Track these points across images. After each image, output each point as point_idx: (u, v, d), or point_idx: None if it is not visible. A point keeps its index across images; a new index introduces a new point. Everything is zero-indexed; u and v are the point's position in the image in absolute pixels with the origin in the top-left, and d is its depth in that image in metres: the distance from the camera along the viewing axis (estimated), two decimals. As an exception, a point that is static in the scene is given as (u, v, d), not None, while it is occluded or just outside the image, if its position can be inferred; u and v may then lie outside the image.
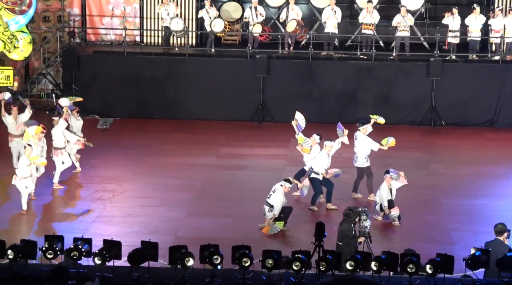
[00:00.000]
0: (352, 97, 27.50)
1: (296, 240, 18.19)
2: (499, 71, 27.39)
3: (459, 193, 21.53)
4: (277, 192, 18.91)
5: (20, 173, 19.77)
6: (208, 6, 28.66)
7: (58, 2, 30.04)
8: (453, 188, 21.92)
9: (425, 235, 18.81)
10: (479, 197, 21.29)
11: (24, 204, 19.74)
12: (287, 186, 19.02)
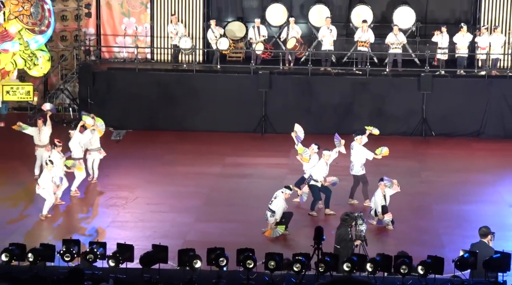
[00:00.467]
0: (348, 109, 27.49)
1: (296, 243, 18.17)
2: (485, 85, 27.38)
3: (449, 200, 21.51)
4: (278, 198, 18.91)
5: (42, 184, 19.79)
6: (214, 25, 28.71)
7: (75, 22, 30.08)
8: (443, 194, 21.90)
9: (417, 239, 18.79)
10: (467, 203, 21.28)
11: (46, 210, 19.73)
12: (288, 192, 19.02)
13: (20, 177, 22.38)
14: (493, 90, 27.28)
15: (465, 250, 15.05)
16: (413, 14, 29.15)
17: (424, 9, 30.09)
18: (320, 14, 29.15)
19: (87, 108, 26.45)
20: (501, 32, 28.32)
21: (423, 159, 25.09)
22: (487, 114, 27.23)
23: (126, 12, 30.30)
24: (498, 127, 27.33)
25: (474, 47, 28.13)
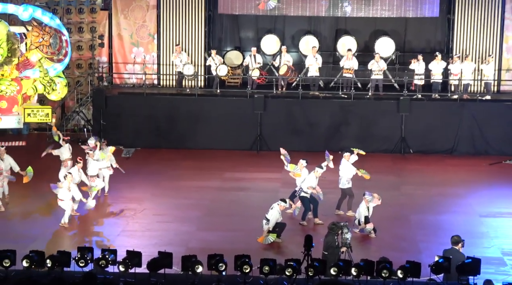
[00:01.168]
0: (335, 129, 27.51)
1: (288, 250, 18.11)
2: (457, 108, 27.42)
3: (425, 210, 21.48)
4: (274, 209, 18.92)
5: (61, 196, 19.78)
6: (214, 54, 28.77)
7: (89, 52, 30.16)
8: (420, 206, 21.87)
9: (397, 245, 18.75)
10: (442, 213, 21.25)
11: (66, 218, 19.70)
12: (283, 205, 19.03)
13: (41, 191, 22.31)
14: (465, 112, 27.32)
15: (440, 255, 15.05)
16: (392, 44, 29.28)
17: (402, 40, 30.20)
18: (309, 44, 29.24)
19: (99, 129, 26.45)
20: (471, 60, 28.42)
21: (402, 174, 25.09)
22: (459, 134, 27.27)
23: (135, 43, 30.37)
24: (469, 145, 27.36)
25: (448, 74, 28.21)
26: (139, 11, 30.22)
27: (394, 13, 29.57)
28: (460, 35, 29.27)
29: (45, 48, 23.35)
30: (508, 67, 29.51)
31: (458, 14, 29.20)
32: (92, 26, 30.17)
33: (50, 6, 29.56)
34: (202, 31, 29.91)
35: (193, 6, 29.74)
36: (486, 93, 28.20)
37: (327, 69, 29.40)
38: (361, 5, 29.57)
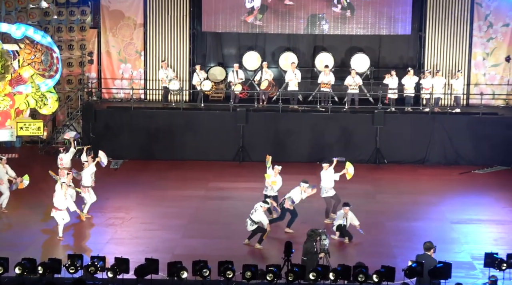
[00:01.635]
0: (313, 141, 27.53)
1: (270, 256, 18.11)
2: (428, 120, 27.52)
3: (399, 217, 21.53)
4: (258, 211, 18.98)
5: (57, 205, 19.64)
6: (199, 70, 28.76)
7: (79, 68, 30.06)
8: (394, 213, 21.92)
9: (372, 251, 18.77)
10: (415, 220, 21.30)
11: (60, 232, 19.57)
12: (265, 206, 19.15)
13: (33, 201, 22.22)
14: (436, 124, 27.42)
15: (413, 260, 15.10)
16: (367, 60, 29.37)
17: (376, 56, 30.29)
18: (289, 60, 29.28)
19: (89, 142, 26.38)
20: (442, 75, 28.52)
21: (377, 183, 25.12)
22: (431, 145, 27.35)
23: (123, 59, 30.32)
24: (440, 155, 27.45)
25: (419, 88, 28.29)
26: (126, 29, 30.19)
27: (368, 31, 29.70)
28: (431, 51, 29.41)
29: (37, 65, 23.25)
30: (476, 81, 29.66)
31: (429, 32, 29.34)
32: (81, 43, 30.08)
33: (41, 24, 29.46)
34: (187, 48, 29.90)
35: (178, 24, 29.74)
36: (456, 106, 28.31)
37: (305, 84, 29.44)
38: (337, 23, 29.66)
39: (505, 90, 29.63)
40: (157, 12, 29.71)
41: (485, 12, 29.39)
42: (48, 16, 30.03)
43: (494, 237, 20.00)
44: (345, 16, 29.52)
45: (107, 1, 30.03)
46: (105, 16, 30.10)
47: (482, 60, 29.67)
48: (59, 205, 19.63)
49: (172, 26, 29.76)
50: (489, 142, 27.04)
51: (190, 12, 29.76)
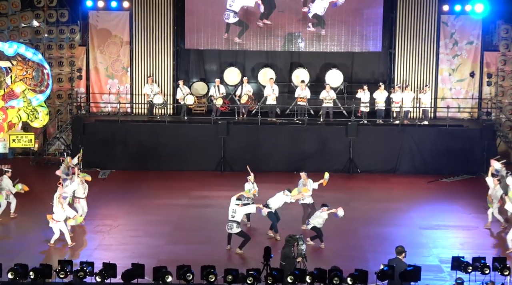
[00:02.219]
0: (290, 152, 27.55)
1: (250, 260, 18.08)
2: (398, 132, 27.63)
3: (372, 223, 21.57)
4: (238, 211, 18.96)
5: (56, 217, 19.46)
6: (182, 85, 28.75)
7: (69, 83, 29.99)
8: (367, 219, 21.96)
9: (347, 255, 18.79)
10: (387, 226, 21.35)
11: (53, 240, 19.37)
12: (240, 203, 19.17)
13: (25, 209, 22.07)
14: (405, 136, 27.54)
15: (385, 264, 15.13)
16: (341, 75, 29.49)
17: (349, 72, 30.42)
18: (267, 75, 29.35)
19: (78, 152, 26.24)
20: (411, 90, 28.69)
21: (351, 191, 25.16)
22: (401, 155, 27.46)
23: (110, 75, 30.27)
24: (409, 165, 27.56)
25: (390, 102, 28.42)
26: (113, 47, 30.14)
27: (342, 48, 29.82)
28: (401, 67, 29.56)
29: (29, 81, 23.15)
30: (443, 96, 29.85)
31: (398, 49, 29.49)
32: (71, 60, 30.01)
33: (33, 42, 29.36)
34: (171, 64, 29.88)
35: (163, 42, 29.72)
36: (424, 119, 28.45)
37: (283, 98, 29.50)
38: (312, 41, 29.77)
39: (469, 104, 29.84)
40: (143, 31, 29.69)
41: (451, 30, 29.61)
42: (39, 35, 29.95)
43: (461, 242, 20.08)
44: (319, 35, 29.63)
45: (95, 20, 29.99)
46: (93, 35, 30.05)
47: (448, 76, 29.87)
48: (57, 217, 19.46)
49: (157, 44, 29.74)
50: (455, 152, 27.18)
51: (174, 31, 29.77)
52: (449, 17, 29.53)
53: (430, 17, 29.24)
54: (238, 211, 19.00)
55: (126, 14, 29.89)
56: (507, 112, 29.43)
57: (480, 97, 29.78)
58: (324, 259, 18.43)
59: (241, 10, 29.54)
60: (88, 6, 29.79)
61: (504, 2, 29.54)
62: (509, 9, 29.39)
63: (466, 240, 20.30)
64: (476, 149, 27.11)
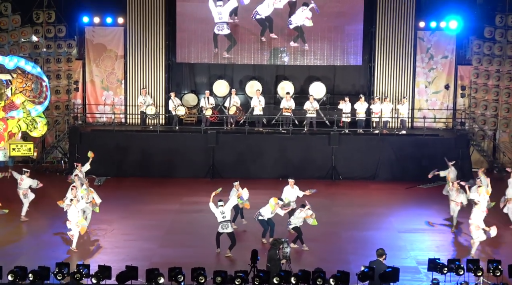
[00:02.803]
0: (277, 160, 27.57)
1: (238, 262, 18.04)
2: (378, 141, 27.71)
3: (353, 227, 21.58)
4: (226, 210, 19.06)
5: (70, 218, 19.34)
6: (174, 97, 28.74)
7: (66, 95, 29.92)
8: (349, 223, 21.97)
9: (330, 257, 18.77)
10: (367, 229, 21.35)
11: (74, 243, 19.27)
12: (222, 203, 19.14)
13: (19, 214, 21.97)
14: (384, 145, 27.62)
15: (365, 266, 15.14)
16: (324, 87, 29.55)
17: (332, 84, 30.48)
18: (254, 87, 29.38)
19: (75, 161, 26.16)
20: (390, 101, 28.76)
21: (333, 197, 25.18)
22: (380, 162, 27.52)
23: (105, 87, 30.22)
24: (388, 172, 27.63)
25: (370, 113, 28.49)
26: (108, 60, 30.11)
27: (324, 62, 29.91)
28: (380, 80, 29.66)
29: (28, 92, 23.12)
30: (420, 107, 29.95)
31: (377, 62, 29.61)
32: (68, 73, 29.95)
33: (32, 56, 29.29)
34: (163, 77, 29.88)
35: (155, 56, 29.73)
36: (402, 129, 28.54)
37: (269, 109, 29.51)
38: (297, 55, 29.84)
39: (445, 115, 29.97)
40: (136, 45, 29.69)
41: (427, 45, 29.76)
42: (38, 49, 29.88)
43: (436, 245, 20.12)
44: (303, 49, 29.71)
45: (91, 35, 29.95)
46: (89, 49, 30.01)
47: (424, 88, 29.99)
48: (72, 217, 19.34)
49: (150, 58, 29.74)
50: (431, 160, 27.21)
51: (166, 45, 29.78)
52: (425, 33, 29.68)
53: (407, 33, 29.37)
54: (226, 210, 18.97)
55: (120, 29, 29.88)
56: (479, 122, 29.59)
57: (454, 108, 29.92)
58: (308, 261, 18.41)
59: (231, 25, 29.51)
60: (85, 22, 29.78)
61: (477, 19, 29.74)
62: (481, 26, 29.59)
63: (441, 242, 20.35)
64: (451, 157, 27.14)
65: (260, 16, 29.42)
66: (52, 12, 29.47)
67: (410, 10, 29.27)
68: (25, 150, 24.95)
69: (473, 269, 15.72)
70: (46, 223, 21.53)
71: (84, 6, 29.98)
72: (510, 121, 29.53)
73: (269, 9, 29.40)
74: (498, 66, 29.54)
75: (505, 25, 29.30)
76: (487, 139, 29.56)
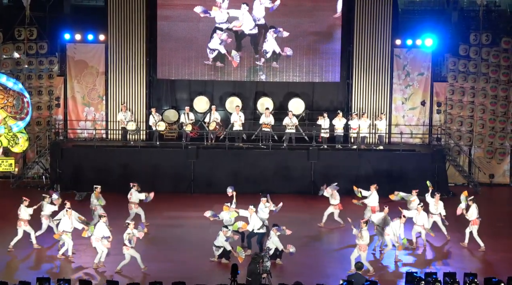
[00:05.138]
0: (255, 174, 27.55)
1: (218, 276, 17.98)
2: (356, 156, 27.80)
3: (332, 241, 21.61)
4: (220, 235, 19.07)
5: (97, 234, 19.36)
6: (154, 112, 28.69)
7: (47, 111, 29.75)
8: (328, 237, 21.97)
9: (309, 271, 18.78)
10: (346, 243, 21.30)
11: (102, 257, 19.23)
12: (225, 230, 19.23)
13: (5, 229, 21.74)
14: (362, 160, 27.72)
15: (344, 279, 15.16)
16: (302, 103, 29.63)
17: (311, 100, 30.56)
18: (234, 103, 29.39)
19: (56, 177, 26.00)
20: (367, 117, 28.88)
21: (312, 211, 25.07)
22: (358, 177, 27.55)
23: (87, 103, 30.10)
24: (366, 186, 27.40)
25: (348, 128, 28.59)
26: (90, 77, 30.02)
27: (303, 78, 30.04)
28: (357, 96, 29.80)
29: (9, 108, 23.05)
30: (397, 122, 30.11)
31: (355, 79, 29.75)
32: (49, 89, 29.81)
33: (14, 73, 29.11)
34: (144, 93, 29.82)
35: (136, 72, 29.68)
36: (380, 144, 28.67)
37: (249, 125, 29.53)
38: (276, 71, 29.94)
39: (421, 130, 30.15)
40: (117, 62, 29.64)
41: (403, 63, 29.97)
42: (19, 65, 29.73)
43: (414, 258, 20.17)
44: (282, 67, 29.81)
45: (72, 52, 29.87)
46: (71, 65, 29.92)
47: (401, 104, 30.17)
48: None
49: (131, 74, 29.68)
50: (408, 174, 27.39)
51: (147, 62, 29.76)
52: (402, 50, 29.89)
53: (384, 50, 29.57)
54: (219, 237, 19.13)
55: (102, 46, 29.82)
56: (455, 138, 29.79)
57: (430, 124, 30.10)
58: (287, 275, 18.39)
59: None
60: (66, 39, 29.70)
61: (452, 37, 30.02)
62: (456, 44, 29.85)
63: (418, 256, 20.40)
64: (427, 172, 27.33)
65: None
66: (34, 29, 29.36)
67: (387, 28, 29.49)
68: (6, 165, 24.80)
69: (450, 282, 15.77)
70: (27, 238, 21.28)
71: (65, 23, 29.93)
72: (484, 137, 29.76)
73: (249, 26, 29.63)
74: (473, 83, 29.79)
75: (479, 43, 29.58)
76: (463, 155, 29.76)
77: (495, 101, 29.62)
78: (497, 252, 20.70)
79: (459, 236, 21.54)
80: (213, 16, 29.63)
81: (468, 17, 30.64)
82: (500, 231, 22.88)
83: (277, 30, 29.52)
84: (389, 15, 29.41)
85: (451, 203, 23.26)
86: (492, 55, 29.48)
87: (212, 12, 29.57)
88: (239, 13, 29.59)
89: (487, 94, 29.67)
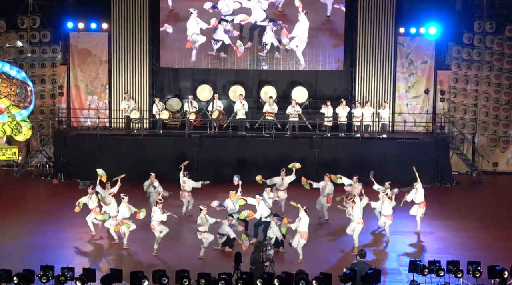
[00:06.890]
0: (259, 163, 27.55)
1: (222, 264, 17.98)
2: (359, 144, 27.79)
3: (336, 229, 21.58)
4: (224, 224, 19.07)
5: None
6: (158, 101, 28.66)
7: (51, 99, 29.77)
8: (332, 226, 21.97)
9: (312, 259, 18.75)
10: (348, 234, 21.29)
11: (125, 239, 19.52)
12: (230, 218, 19.28)
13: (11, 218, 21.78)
14: (365, 148, 27.69)
15: (348, 267, 15.16)
16: (306, 92, 29.60)
17: (314, 88, 30.55)
18: (237, 92, 29.36)
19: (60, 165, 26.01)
20: (371, 106, 28.85)
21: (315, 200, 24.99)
22: (361, 166, 27.49)
23: (90, 92, 30.10)
24: (368, 173, 27.60)
25: (351, 117, 28.56)
26: (93, 65, 30.00)
27: (306, 67, 29.96)
28: (361, 85, 29.75)
29: (13, 97, 23.06)
30: (400, 111, 30.07)
31: (358, 68, 29.70)
32: (53, 78, 29.81)
33: (17, 61, 29.11)
34: (147, 82, 29.82)
35: (139, 61, 29.67)
36: (383, 133, 28.63)
37: (252, 113, 29.53)
38: (279, 60, 29.88)
39: (424, 119, 30.11)
40: (120, 50, 29.61)
41: (407, 51, 29.89)
42: (23, 54, 29.70)
43: (417, 246, 20.16)
44: (285, 55, 29.73)
45: (75, 41, 29.85)
46: (74, 54, 29.89)
47: (404, 93, 30.12)
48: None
49: (134, 63, 29.66)
50: (412, 163, 27.21)
51: (150, 50, 29.72)
52: (405, 38, 29.81)
53: (388, 38, 29.49)
54: (223, 225, 19.08)
55: (105, 35, 29.79)
56: (458, 126, 29.73)
57: (434, 113, 30.05)
58: (290, 263, 18.39)
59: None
60: (69, 27, 29.68)
61: (455, 25, 29.92)
62: (460, 32, 29.76)
63: (422, 244, 20.39)
64: (431, 160, 27.31)
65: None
66: (37, 17, 29.32)
67: (390, 17, 29.40)
68: (10, 154, 24.84)
69: (453, 270, 15.78)
70: (31, 226, 21.35)
71: (68, 12, 29.90)
72: (488, 125, 29.70)
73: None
74: (477, 71, 29.71)
75: (483, 31, 29.48)
76: (466, 143, 29.71)
77: (498, 89, 29.55)
78: (500, 240, 20.68)
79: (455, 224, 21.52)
80: (220, 8, 29.54)
81: (472, 5, 30.52)
82: (504, 220, 22.85)
83: (276, 24, 29.40)
84: (392, 3, 29.33)
85: (455, 191, 23.24)
86: (496, 43, 29.40)
87: (218, 4, 29.48)
88: (251, 5, 29.48)
89: (491, 82, 29.60)
